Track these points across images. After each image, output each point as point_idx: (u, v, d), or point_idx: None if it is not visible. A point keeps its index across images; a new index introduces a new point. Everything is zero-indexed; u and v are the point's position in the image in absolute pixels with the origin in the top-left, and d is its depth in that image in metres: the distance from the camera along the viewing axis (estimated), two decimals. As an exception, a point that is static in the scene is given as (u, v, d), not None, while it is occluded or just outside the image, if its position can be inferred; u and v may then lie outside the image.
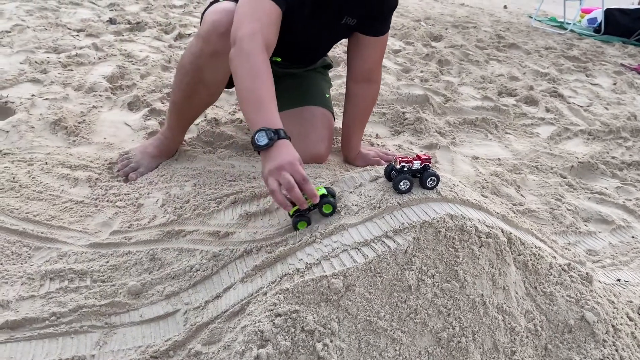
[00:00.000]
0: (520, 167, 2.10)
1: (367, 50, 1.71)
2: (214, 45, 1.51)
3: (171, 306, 1.16)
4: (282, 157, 1.18)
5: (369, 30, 1.68)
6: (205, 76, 1.59)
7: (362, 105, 1.82)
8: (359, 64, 1.75)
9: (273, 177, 1.17)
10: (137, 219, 1.44)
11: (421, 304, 1.04)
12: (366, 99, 1.81)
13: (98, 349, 1.05)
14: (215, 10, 1.52)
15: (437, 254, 1.08)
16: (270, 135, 1.20)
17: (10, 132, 1.84)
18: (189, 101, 1.69)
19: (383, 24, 1.69)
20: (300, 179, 1.16)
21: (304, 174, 1.17)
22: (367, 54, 1.72)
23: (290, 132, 1.75)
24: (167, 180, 1.64)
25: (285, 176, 1.15)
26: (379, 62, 1.77)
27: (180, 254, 1.30)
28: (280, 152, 1.19)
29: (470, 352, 1.02)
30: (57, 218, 1.41)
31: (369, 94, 1.81)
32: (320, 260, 1.09)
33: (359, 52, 1.73)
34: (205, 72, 1.58)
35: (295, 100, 1.82)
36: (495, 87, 3.16)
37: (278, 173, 1.16)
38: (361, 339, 1.00)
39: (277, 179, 1.16)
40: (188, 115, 1.76)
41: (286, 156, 1.18)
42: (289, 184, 1.15)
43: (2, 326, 1.06)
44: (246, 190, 1.47)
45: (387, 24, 1.70)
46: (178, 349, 1.05)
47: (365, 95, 1.80)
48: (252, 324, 1.00)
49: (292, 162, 1.18)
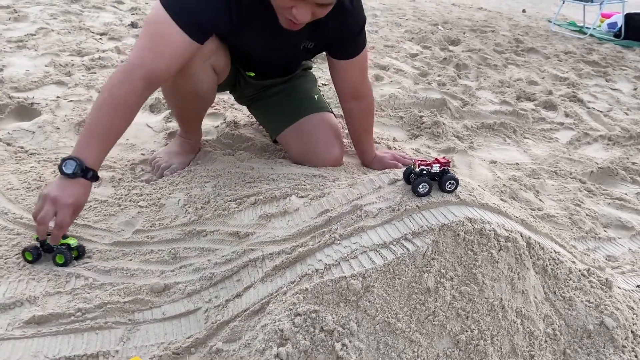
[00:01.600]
0: (539, 172, 2.09)
1: (346, 72, 1.68)
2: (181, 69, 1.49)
3: (192, 304, 1.18)
4: (67, 193, 1.22)
5: (339, 54, 1.64)
6: (190, 90, 1.59)
7: (360, 120, 1.81)
8: (342, 85, 1.73)
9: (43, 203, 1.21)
10: (159, 218, 1.47)
11: (440, 306, 1.05)
12: (361, 114, 1.80)
13: (122, 344, 1.08)
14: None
15: (455, 257, 1.08)
16: (76, 170, 1.23)
17: (37, 133, 1.89)
18: (186, 112, 1.74)
19: (353, 47, 1.64)
20: (59, 223, 1.21)
21: (64, 222, 1.21)
22: (347, 75, 1.69)
23: (299, 147, 1.78)
24: (188, 181, 1.67)
25: (48, 210, 1.20)
26: (362, 80, 1.74)
27: (202, 253, 1.32)
28: (70, 188, 1.23)
29: (488, 355, 1.02)
30: (82, 217, 1.45)
31: (362, 110, 1.79)
32: (339, 262, 1.10)
33: (338, 75, 1.70)
34: (187, 88, 1.58)
35: (290, 116, 1.82)
36: (514, 92, 3.15)
37: (49, 203, 1.20)
38: (380, 340, 1.02)
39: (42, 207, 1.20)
40: (193, 119, 1.79)
41: (69, 196, 1.22)
42: (42, 219, 1.19)
43: (30, 321, 1.09)
44: (266, 192, 1.49)
45: (358, 46, 1.65)
46: (199, 346, 1.07)
47: (359, 112, 1.79)
48: (272, 322, 1.02)
49: (68, 205, 1.21)
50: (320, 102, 1.89)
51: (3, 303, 1.13)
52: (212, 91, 1.68)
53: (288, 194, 1.45)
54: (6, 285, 1.19)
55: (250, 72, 1.79)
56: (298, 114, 1.81)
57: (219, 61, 1.57)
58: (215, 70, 1.58)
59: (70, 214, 1.23)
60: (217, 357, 1.03)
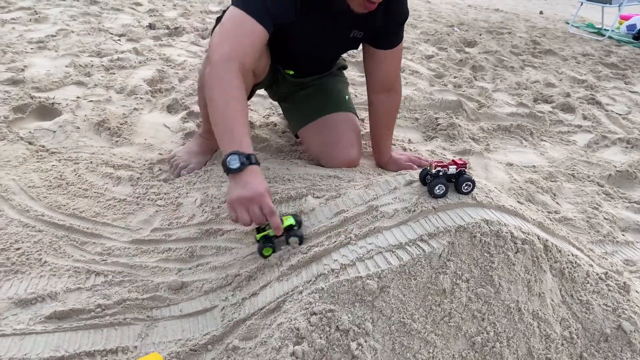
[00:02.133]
0: (556, 174, 2.07)
1: (383, 62, 1.72)
2: None
3: (209, 302, 1.20)
4: (253, 186, 1.20)
5: (381, 43, 1.67)
6: None
7: (386, 114, 1.83)
8: (376, 76, 1.75)
9: (241, 206, 1.19)
10: (176, 217, 1.49)
11: (455, 307, 1.05)
12: (388, 108, 1.82)
13: (140, 340, 1.09)
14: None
15: (472, 258, 1.08)
16: (242, 160, 1.22)
17: (57, 132, 1.92)
18: None
19: (394, 37, 1.68)
20: (268, 212, 1.19)
21: (272, 207, 1.20)
22: (383, 66, 1.72)
23: (319, 143, 1.79)
24: (205, 180, 1.69)
25: (254, 210, 1.19)
26: (396, 72, 1.77)
27: (218, 251, 1.34)
28: (250, 179, 1.21)
29: (504, 357, 1.02)
30: (101, 215, 1.48)
31: (390, 104, 1.81)
32: (355, 262, 1.11)
33: (374, 65, 1.73)
34: None
35: (317, 110, 1.84)
36: (531, 94, 3.12)
37: (247, 204, 1.19)
38: (395, 340, 1.02)
39: (246, 209, 1.19)
40: None
41: (257, 186, 1.21)
42: (259, 218, 1.19)
43: (51, 316, 1.11)
44: (282, 192, 1.50)
45: (398, 36, 1.69)
46: (216, 343, 1.08)
47: (387, 105, 1.81)
48: (288, 321, 1.03)
49: (263, 193, 1.20)
50: (349, 103, 1.91)
51: (25, 298, 1.15)
52: (247, 92, 1.71)
53: (304, 194, 1.46)
54: (28, 281, 1.21)
55: (290, 70, 1.82)
56: (324, 110, 1.84)
57: (260, 64, 1.60)
58: (255, 72, 1.60)
59: (270, 199, 1.22)
60: (233, 354, 1.04)
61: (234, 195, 1.21)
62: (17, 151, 1.75)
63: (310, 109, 1.85)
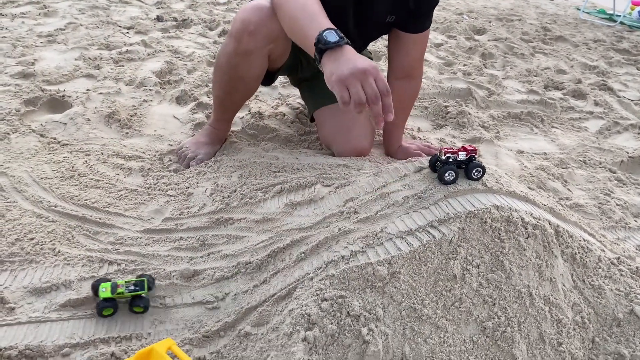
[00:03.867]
0: (567, 161, 2.05)
1: (408, 46, 1.70)
2: (246, 44, 1.54)
3: (221, 289, 1.21)
4: (360, 60, 1.04)
5: (410, 27, 1.66)
6: (241, 73, 1.64)
7: (404, 101, 1.81)
8: (399, 60, 1.74)
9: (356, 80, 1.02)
10: (187, 207, 1.50)
11: (466, 293, 1.05)
12: (407, 95, 1.81)
13: (154, 327, 1.11)
14: (245, 9, 1.53)
15: (482, 244, 1.08)
16: (339, 35, 1.07)
17: (68, 125, 1.94)
18: (229, 97, 1.76)
19: (424, 21, 1.67)
20: (383, 88, 1.03)
21: (387, 84, 1.04)
22: (407, 50, 1.71)
23: (333, 127, 1.79)
24: (214, 171, 1.70)
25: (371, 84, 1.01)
26: (420, 58, 1.76)
27: (230, 240, 1.35)
28: (354, 56, 1.05)
29: (515, 342, 1.02)
30: (113, 205, 1.49)
31: (410, 90, 1.80)
32: (365, 249, 1.11)
33: (399, 49, 1.72)
34: (240, 69, 1.62)
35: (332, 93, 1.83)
36: (542, 81, 3.09)
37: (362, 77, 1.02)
38: (406, 326, 1.02)
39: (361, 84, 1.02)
40: (231, 108, 1.82)
41: (365, 60, 1.04)
42: (376, 95, 1.01)
43: (65, 304, 1.13)
44: (291, 181, 1.50)
45: (428, 20, 1.68)
46: (228, 329, 1.10)
47: (406, 91, 1.80)
48: (299, 307, 1.03)
49: (376, 67, 1.04)
50: None
51: (40, 287, 1.17)
52: (259, 78, 1.71)
53: (314, 182, 1.46)
54: (42, 270, 1.23)
55: None
56: None
57: (278, 48, 1.58)
58: (271, 56, 1.59)
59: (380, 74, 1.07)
60: (245, 340, 1.05)
61: (344, 70, 1.03)
62: (29, 143, 1.77)
63: (327, 90, 1.84)
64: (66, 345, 1.03)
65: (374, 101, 1.03)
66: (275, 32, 1.52)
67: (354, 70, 1.03)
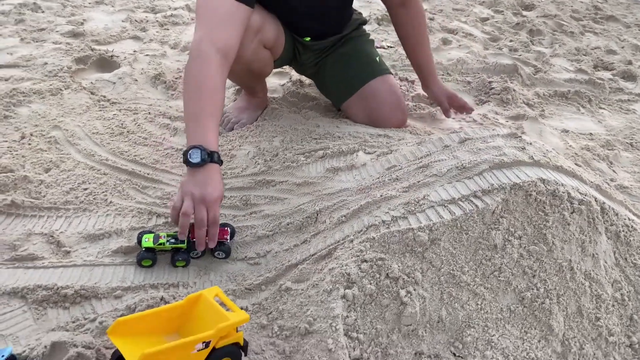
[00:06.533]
0: (613, 143, 2.00)
1: None
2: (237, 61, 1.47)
3: (263, 246, 1.24)
4: (210, 188, 1.16)
5: None
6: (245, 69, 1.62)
7: (409, 29, 1.76)
8: None
9: (191, 202, 1.14)
10: (230, 168, 1.54)
11: (506, 263, 1.05)
12: (410, 24, 1.75)
13: (199, 278, 1.16)
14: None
15: (525, 216, 1.08)
16: (204, 156, 1.17)
17: (117, 84, 2.00)
18: (245, 84, 1.81)
19: None
20: (212, 220, 1.15)
21: (217, 217, 1.16)
22: None
23: (364, 113, 1.78)
24: (256, 135, 1.73)
25: (201, 211, 1.14)
26: None
27: (271, 201, 1.38)
28: (208, 179, 1.18)
29: (553, 314, 1.03)
30: (160, 162, 1.54)
31: (411, 16, 1.74)
32: (407, 215, 1.13)
33: None
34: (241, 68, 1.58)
35: (352, 83, 1.80)
36: (591, 60, 2.99)
37: (198, 203, 1.14)
38: (444, 291, 1.04)
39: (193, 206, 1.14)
40: (254, 87, 1.83)
41: (213, 190, 1.17)
42: (201, 221, 1.14)
43: (118, 250, 1.19)
44: (333, 147, 1.52)
45: None
46: (270, 284, 1.14)
47: (407, 20, 1.74)
48: (339, 267, 1.06)
49: (216, 200, 1.17)
50: (381, 64, 1.87)
51: (93, 234, 1.24)
52: (267, 66, 1.71)
53: (355, 149, 1.47)
54: (95, 218, 1.29)
55: (306, 37, 1.80)
56: (361, 81, 1.80)
57: (268, 34, 1.57)
58: (266, 45, 1.59)
59: (218, 208, 1.19)
60: (286, 294, 1.09)
61: (189, 188, 1.16)
62: (80, 100, 1.83)
63: (346, 82, 1.81)
64: (118, 288, 1.09)
65: (197, 225, 1.14)
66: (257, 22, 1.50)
67: (194, 195, 1.15)
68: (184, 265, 1.17)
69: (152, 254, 1.16)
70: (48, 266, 1.12)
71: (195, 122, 1.24)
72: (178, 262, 1.17)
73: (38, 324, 0.99)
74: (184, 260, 1.17)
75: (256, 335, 1.02)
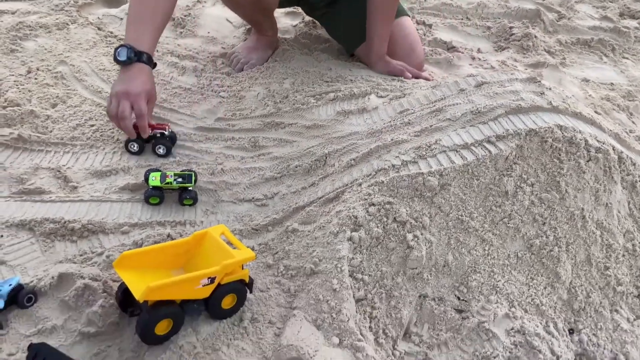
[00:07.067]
0: (635, 93, 1.93)
1: None
2: None
3: (271, 188, 1.23)
4: (134, 84, 1.22)
5: None
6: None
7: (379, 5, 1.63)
8: None
9: (116, 100, 1.21)
10: (239, 109, 1.51)
11: (516, 210, 1.04)
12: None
13: (206, 216, 1.16)
14: None
15: (540, 163, 1.05)
16: (129, 54, 1.22)
17: (124, 20, 1.94)
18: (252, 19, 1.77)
19: None
20: (136, 113, 1.21)
21: (143, 111, 1.21)
22: None
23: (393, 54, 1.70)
24: (266, 76, 1.69)
25: (124, 104, 1.19)
26: None
27: (280, 143, 1.36)
28: (134, 77, 1.23)
29: (561, 261, 1.02)
30: (167, 101, 1.51)
31: None
32: (417, 159, 1.10)
33: None
34: None
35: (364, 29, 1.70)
36: (617, 8, 2.84)
37: (122, 97, 1.20)
38: (451, 236, 1.03)
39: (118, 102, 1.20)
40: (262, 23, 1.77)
41: (137, 86, 1.22)
42: (122, 113, 1.19)
43: (125, 187, 1.18)
44: (344, 90, 1.48)
45: None
46: (277, 225, 1.13)
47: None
48: (346, 209, 1.05)
49: (139, 93, 1.21)
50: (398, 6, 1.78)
51: (100, 170, 1.23)
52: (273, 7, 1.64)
53: (367, 92, 1.43)
54: (102, 155, 1.28)
55: None
56: None
57: None
58: None
59: (145, 101, 1.24)
60: (292, 235, 1.09)
61: (115, 87, 1.23)
62: (87, 35, 1.79)
63: (355, 27, 1.72)
64: (125, 224, 1.09)
65: (121, 117, 1.20)
66: None
67: (119, 91, 1.22)
68: (191, 204, 1.17)
69: (159, 191, 1.15)
70: (55, 200, 1.12)
71: (133, 24, 1.30)
72: (185, 200, 1.16)
73: (46, 256, 1.00)
74: (191, 199, 1.16)
75: (262, 274, 1.03)
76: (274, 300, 0.98)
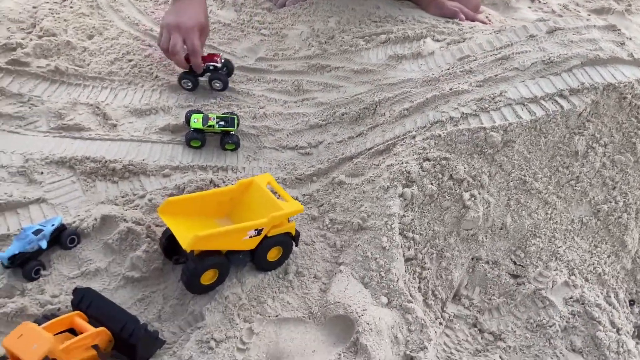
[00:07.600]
0: None
1: None
2: None
3: (315, 136, 1.17)
4: (186, 17, 1.17)
5: None
6: None
7: None
8: None
9: (167, 32, 1.17)
10: (282, 48, 1.42)
11: (585, 172, 0.96)
12: None
13: (248, 163, 1.11)
14: None
15: (615, 122, 0.96)
16: None
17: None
18: None
19: None
20: (190, 49, 1.16)
21: (196, 47, 1.16)
22: None
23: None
24: (310, 13, 1.58)
25: (175, 38, 1.15)
26: None
27: (325, 88, 1.28)
28: (187, 9, 1.19)
29: (629, 229, 0.95)
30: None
31: None
32: (479, 112, 1.02)
33: None
34: None
35: None
36: (693, -50, 2.58)
37: (173, 30, 1.16)
38: (511, 197, 0.96)
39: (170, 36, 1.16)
40: None
41: (190, 18, 1.17)
42: (174, 48, 1.15)
43: (165, 128, 1.14)
44: (397, 32, 1.37)
45: None
46: (322, 175, 1.08)
47: None
48: (398, 164, 0.99)
49: (193, 28, 1.17)
50: None
51: (139, 109, 1.18)
52: None
53: (423, 35, 1.32)
54: (141, 92, 1.23)
55: None
56: None
57: None
58: None
59: (198, 36, 1.19)
60: (338, 187, 1.03)
61: (167, 19, 1.19)
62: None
63: None
64: (167, 166, 1.05)
65: (172, 52, 1.16)
66: None
67: (170, 24, 1.17)
68: (233, 149, 1.12)
69: (201, 134, 1.10)
70: (95, 138, 1.08)
71: None
72: (228, 145, 1.11)
73: (87, 195, 0.97)
74: (233, 144, 1.11)
75: (306, 227, 0.99)
76: (319, 254, 0.94)
